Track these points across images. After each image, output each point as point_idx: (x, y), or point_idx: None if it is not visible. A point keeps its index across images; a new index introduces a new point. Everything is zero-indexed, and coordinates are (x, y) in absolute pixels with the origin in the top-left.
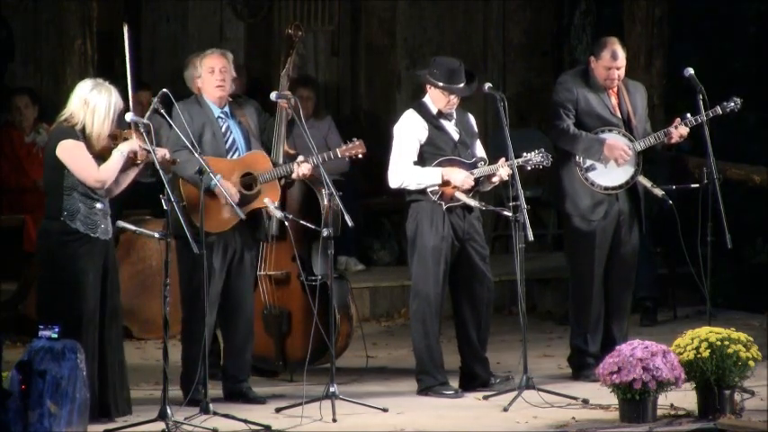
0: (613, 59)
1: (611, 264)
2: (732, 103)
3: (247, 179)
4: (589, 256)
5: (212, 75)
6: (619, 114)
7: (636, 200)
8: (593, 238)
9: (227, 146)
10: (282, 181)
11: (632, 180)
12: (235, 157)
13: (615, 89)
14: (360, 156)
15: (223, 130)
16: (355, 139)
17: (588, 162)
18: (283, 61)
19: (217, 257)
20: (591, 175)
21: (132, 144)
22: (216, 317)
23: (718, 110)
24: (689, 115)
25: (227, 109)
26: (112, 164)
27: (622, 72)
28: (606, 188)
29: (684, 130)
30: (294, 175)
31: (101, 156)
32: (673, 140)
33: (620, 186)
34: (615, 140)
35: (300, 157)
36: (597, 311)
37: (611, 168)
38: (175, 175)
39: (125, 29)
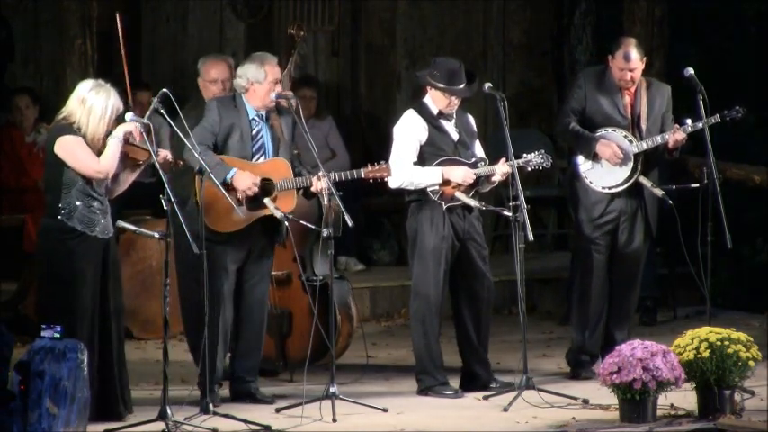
0: (626, 61)
1: (613, 264)
2: (734, 112)
3: (265, 184)
4: (588, 254)
5: (273, 85)
6: (629, 115)
7: (640, 202)
8: (591, 236)
9: (255, 149)
10: (301, 192)
11: (630, 181)
12: (260, 161)
13: (632, 89)
14: (385, 179)
15: (254, 132)
16: (383, 162)
17: (588, 162)
18: (285, 61)
19: (230, 257)
20: (590, 174)
21: (125, 126)
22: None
23: (718, 117)
24: (689, 121)
25: (263, 112)
26: (110, 152)
27: (637, 73)
28: (604, 188)
29: (680, 135)
30: (313, 189)
31: (99, 156)
32: (670, 146)
33: (618, 186)
34: (609, 140)
35: (321, 171)
36: (597, 310)
37: (609, 168)
38: (190, 173)
39: (117, 17)
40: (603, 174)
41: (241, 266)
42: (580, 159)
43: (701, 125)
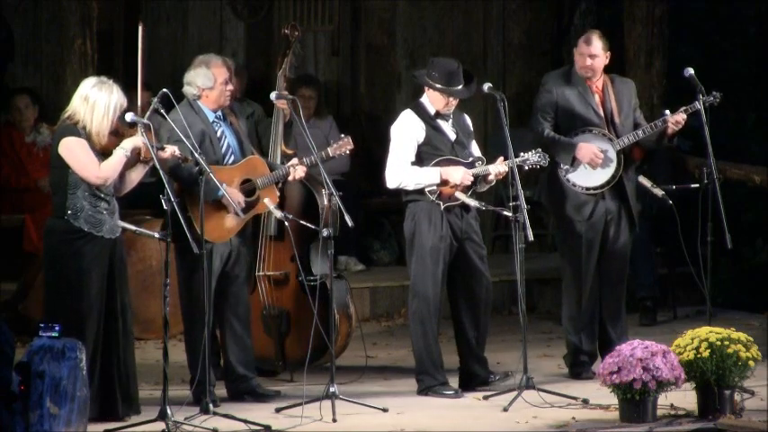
0: (586, 44)
1: (602, 263)
2: (711, 97)
3: (248, 185)
4: (578, 256)
5: (225, 86)
6: (602, 112)
7: (624, 199)
8: (580, 239)
9: (223, 151)
10: (279, 184)
11: (614, 179)
12: (230, 161)
13: (600, 87)
14: (347, 152)
15: (218, 134)
16: (342, 135)
17: (572, 165)
18: (280, 61)
19: (215, 262)
20: (572, 176)
21: (135, 141)
22: (213, 317)
23: (697, 105)
24: (667, 112)
25: (219, 113)
26: (114, 161)
27: (597, 62)
28: (588, 189)
29: (681, 116)
30: (290, 178)
31: (105, 153)
32: (671, 125)
33: (602, 186)
34: (587, 143)
35: (294, 160)
36: (590, 311)
37: (590, 169)
38: (173, 182)
39: (140, 28)
40: (586, 175)
41: (223, 267)
42: (560, 163)
43: (698, 105)
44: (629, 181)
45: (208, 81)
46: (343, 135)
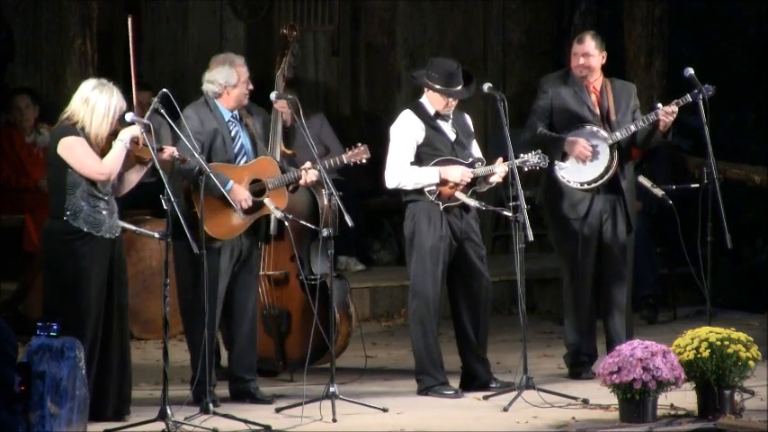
0: (579, 44)
1: (601, 262)
2: (703, 92)
3: (257, 186)
4: (575, 256)
5: (246, 85)
6: (597, 111)
7: (619, 196)
8: (576, 237)
9: (236, 151)
10: (290, 187)
11: (606, 174)
12: (242, 161)
13: (598, 87)
14: (364, 161)
15: (232, 134)
16: (360, 144)
17: (564, 162)
18: (278, 61)
19: (224, 260)
20: (564, 172)
21: (132, 130)
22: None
23: (689, 98)
24: (659, 104)
25: (236, 113)
26: (115, 154)
27: (592, 61)
28: (582, 183)
29: (671, 108)
30: (302, 182)
31: (104, 156)
32: (661, 123)
33: (595, 181)
34: (575, 138)
35: (307, 164)
36: (589, 310)
37: (581, 163)
38: (179, 179)
39: (129, 22)
40: (578, 170)
41: (232, 267)
42: (554, 160)
43: (689, 98)
44: (625, 179)
45: (232, 78)
46: (359, 144)
